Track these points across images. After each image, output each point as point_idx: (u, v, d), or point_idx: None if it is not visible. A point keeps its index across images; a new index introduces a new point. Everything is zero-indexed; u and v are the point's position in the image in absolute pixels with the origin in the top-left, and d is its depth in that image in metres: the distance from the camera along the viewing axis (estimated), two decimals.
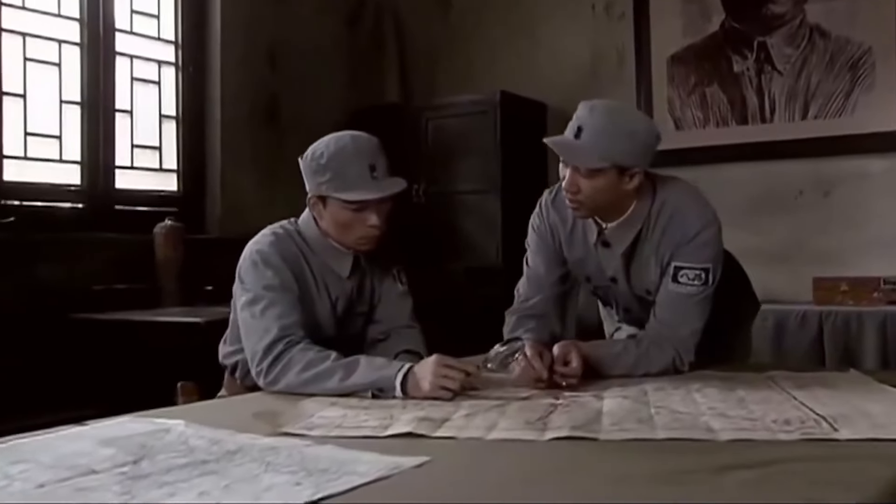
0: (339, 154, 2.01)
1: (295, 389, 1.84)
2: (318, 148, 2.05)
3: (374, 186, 2.01)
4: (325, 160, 2.02)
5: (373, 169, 2.02)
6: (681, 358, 2.05)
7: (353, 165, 2.00)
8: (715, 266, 2.06)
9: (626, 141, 1.95)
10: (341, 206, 2.03)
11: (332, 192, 2.02)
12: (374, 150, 2.05)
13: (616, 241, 2.11)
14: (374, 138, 2.09)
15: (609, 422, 1.49)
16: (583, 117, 1.97)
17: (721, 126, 4.48)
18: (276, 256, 2.03)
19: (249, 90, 4.57)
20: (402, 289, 2.26)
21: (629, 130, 1.97)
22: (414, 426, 1.45)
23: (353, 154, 2.01)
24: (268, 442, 1.35)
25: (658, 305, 2.10)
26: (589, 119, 1.96)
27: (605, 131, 1.94)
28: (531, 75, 4.90)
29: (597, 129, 1.94)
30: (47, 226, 3.65)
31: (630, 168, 1.99)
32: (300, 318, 1.97)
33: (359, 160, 2.01)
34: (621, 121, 1.98)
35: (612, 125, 1.95)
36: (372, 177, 2.01)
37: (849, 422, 1.44)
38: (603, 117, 1.96)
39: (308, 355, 1.87)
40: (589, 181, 1.98)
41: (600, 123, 1.95)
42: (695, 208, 2.08)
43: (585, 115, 1.97)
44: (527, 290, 2.26)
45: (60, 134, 3.81)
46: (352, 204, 2.01)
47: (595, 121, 1.95)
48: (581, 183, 1.99)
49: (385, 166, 2.06)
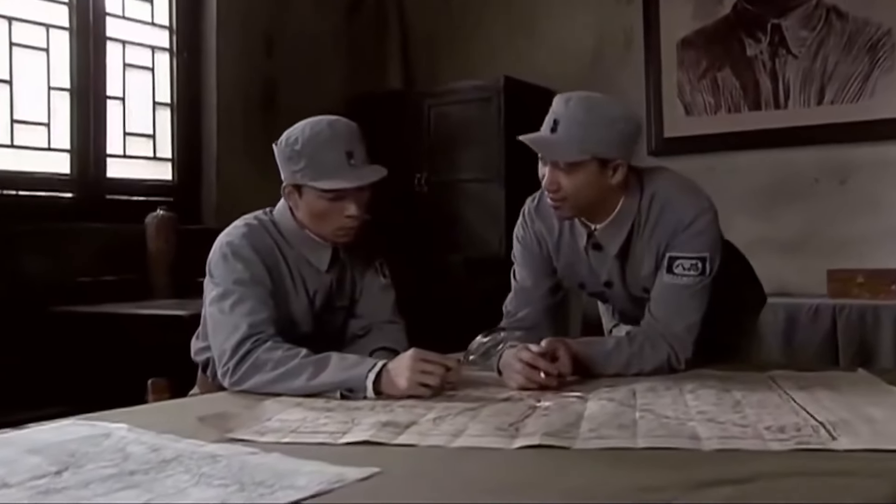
0: (314, 140, 1.91)
1: (261, 389, 1.74)
2: (292, 133, 1.95)
3: (351, 174, 1.90)
4: (299, 146, 1.91)
5: (350, 156, 1.91)
6: (676, 356, 1.93)
7: (329, 152, 1.90)
8: (712, 255, 1.94)
9: (605, 130, 1.86)
10: (317, 196, 1.92)
11: (307, 181, 1.92)
12: (351, 136, 1.94)
13: (607, 242, 2.00)
14: (352, 123, 1.98)
15: (587, 427, 1.38)
16: (558, 111, 1.87)
17: (733, 112, 4.33)
18: (248, 249, 1.93)
19: (246, 76, 4.47)
20: (384, 282, 2.16)
21: (607, 120, 1.87)
22: (372, 433, 1.34)
23: (329, 140, 1.91)
24: (211, 449, 1.25)
25: (653, 300, 1.99)
26: (564, 111, 1.86)
27: (581, 122, 1.85)
28: (536, 60, 4.77)
29: (573, 121, 1.85)
30: (34, 216, 3.57)
31: (612, 160, 1.89)
32: (272, 314, 1.87)
33: (335, 147, 1.90)
34: (598, 110, 1.88)
35: (589, 115, 1.86)
36: (349, 164, 1.91)
37: (849, 429, 1.32)
38: (579, 109, 1.86)
39: (276, 353, 1.77)
40: (570, 177, 1.88)
41: (576, 115, 1.85)
42: (687, 196, 1.97)
43: (561, 108, 1.87)
44: (515, 304, 2.16)
45: (49, 121, 3.72)
46: (328, 193, 1.91)
47: (571, 113, 1.85)
48: (562, 180, 1.88)
49: (364, 153, 1.95)
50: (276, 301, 1.93)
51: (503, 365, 1.81)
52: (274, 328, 1.85)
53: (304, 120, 1.98)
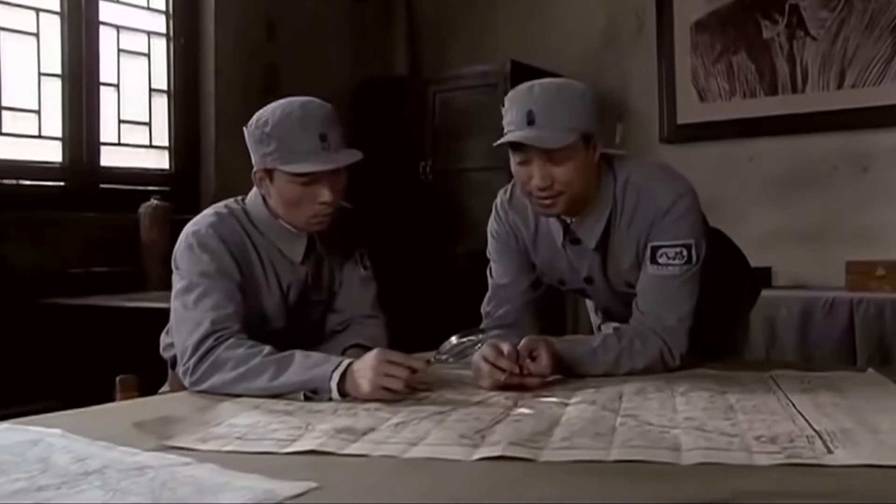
0: (285, 122, 1.80)
1: (222, 390, 1.64)
2: (262, 115, 1.84)
3: (324, 157, 1.79)
4: (269, 128, 1.81)
5: (324, 139, 1.80)
6: (670, 350, 1.81)
7: (301, 134, 1.79)
8: (697, 240, 1.83)
9: (580, 105, 1.78)
10: (288, 180, 1.81)
11: (277, 165, 1.81)
12: (326, 118, 1.83)
13: (585, 236, 1.89)
14: (327, 105, 1.87)
15: (560, 436, 1.26)
16: (527, 101, 1.76)
17: (748, 97, 4.18)
18: (215, 239, 1.83)
19: (246, 62, 4.36)
20: (364, 274, 2.05)
21: (578, 93, 1.79)
22: (322, 442, 1.23)
23: (301, 122, 1.80)
24: (142, 459, 1.15)
25: (639, 294, 1.87)
26: (536, 99, 1.75)
27: (558, 103, 1.75)
28: (545, 44, 4.63)
29: (550, 105, 1.74)
30: (25, 205, 3.49)
31: (593, 137, 1.80)
32: (238, 309, 1.77)
33: (308, 129, 1.79)
34: (566, 88, 1.80)
35: (561, 94, 1.77)
36: (323, 147, 1.80)
37: (849, 440, 1.19)
38: (550, 91, 1.77)
39: (237, 352, 1.66)
40: (562, 167, 1.76)
41: (550, 98, 1.75)
42: (664, 180, 1.87)
43: (529, 98, 1.77)
44: (493, 303, 2.04)
45: (39, 108, 3.64)
46: (299, 177, 1.80)
47: (543, 98, 1.75)
48: (555, 172, 1.77)
49: (339, 137, 1.83)
50: (245, 295, 1.83)
51: (473, 364, 1.70)
52: (239, 324, 1.74)
53: (277, 101, 1.87)
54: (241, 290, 1.81)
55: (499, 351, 1.65)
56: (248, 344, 1.68)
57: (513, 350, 1.66)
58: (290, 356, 1.63)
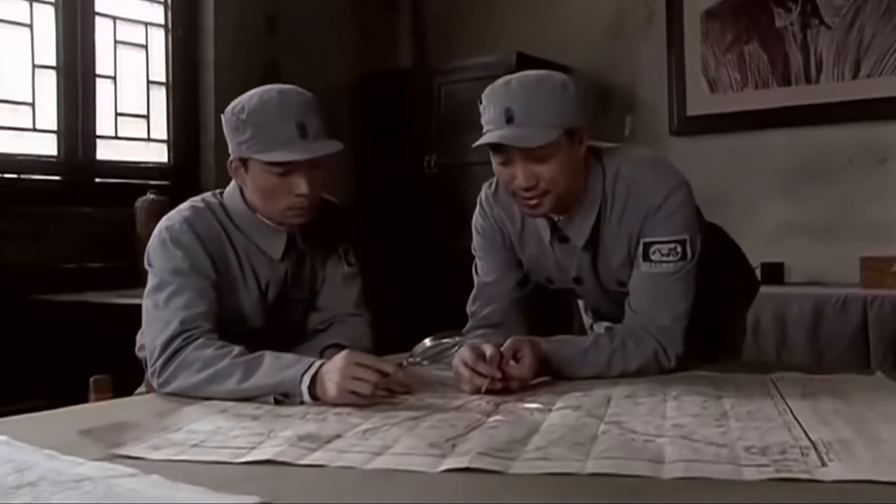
0: (261, 109, 1.73)
1: (189, 392, 1.57)
2: (239, 102, 1.78)
3: (301, 147, 1.72)
4: (245, 115, 1.74)
5: (302, 128, 1.73)
6: (665, 351, 1.73)
7: (277, 122, 1.72)
8: (692, 236, 1.74)
9: (562, 98, 1.68)
10: (263, 170, 1.75)
11: (252, 153, 1.74)
12: (305, 107, 1.76)
13: (574, 233, 1.81)
14: (307, 93, 1.80)
15: (536, 445, 1.18)
16: (505, 97, 1.67)
17: (761, 88, 4.07)
18: (189, 234, 1.76)
19: (246, 54, 4.29)
20: (348, 271, 1.98)
21: (559, 86, 1.69)
22: (280, 450, 1.16)
23: (278, 109, 1.72)
24: (84, 470, 1.08)
25: (632, 293, 1.78)
26: (514, 95, 1.66)
27: (538, 98, 1.66)
28: (553, 35, 4.53)
29: (529, 101, 1.65)
30: (18, 200, 3.44)
31: (577, 130, 1.70)
32: (210, 308, 1.70)
33: (285, 117, 1.72)
34: (546, 81, 1.70)
35: (540, 88, 1.68)
36: (300, 137, 1.72)
37: (847, 452, 1.10)
38: (528, 86, 1.68)
39: (205, 352, 1.59)
40: (546, 165, 1.68)
41: (529, 93, 1.66)
42: (655, 173, 1.78)
43: (506, 94, 1.67)
44: (479, 302, 1.96)
45: (34, 101, 3.59)
46: (275, 167, 1.73)
47: (522, 94, 1.66)
48: (540, 171, 1.68)
49: (318, 127, 1.76)
50: (221, 293, 1.76)
51: (453, 367, 1.62)
52: (211, 323, 1.67)
53: (256, 88, 1.80)
54: (216, 288, 1.75)
55: (479, 354, 1.57)
56: (218, 344, 1.61)
57: (495, 352, 1.58)
58: (259, 357, 1.56)
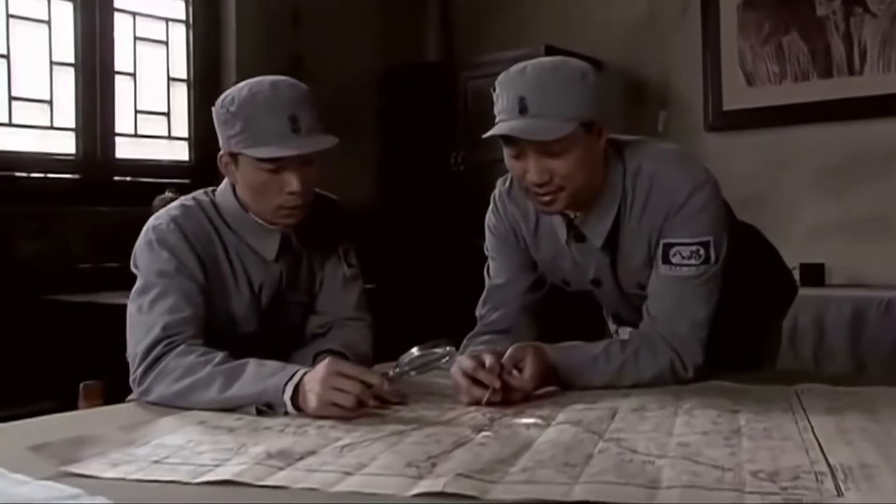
0: (251, 101, 1.65)
1: (171, 402, 1.50)
2: (229, 94, 1.70)
3: (293, 142, 1.64)
4: (234, 108, 1.66)
5: (294, 122, 1.64)
6: (682, 361, 1.61)
7: (268, 116, 1.63)
8: (716, 238, 1.62)
9: (580, 87, 1.56)
10: (254, 166, 1.67)
11: (242, 148, 1.66)
12: (298, 100, 1.67)
13: (592, 232, 1.70)
14: (301, 85, 1.72)
15: (522, 466, 1.08)
16: (519, 86, 1.55)
17: (800, 81, 3.93)
18: (177, 235, 1.69)
19: (269, 49, 4.23)
20: (348, 272, 1.89)
21: (578, 75, 1.57)
22: (242, 470, 1.07)
23: (269, 102, 1.64)
24: (25, 491, 1.01)
25: (650, 296, 1.67)
26: (528, 84, 1.55)
27: (553, 87, 1.54)
28: (584, 28, 4.42)
29: (544, 90, 1.54)
30: (36, 198, 3.41)
31: (595, 122, 1.59)
32: (197, 312, 1.63)
33: (276, 110, 1.64)
34: (563, 69, 1.58)
35: (556, 76, 1.56)
36: (292, 131, 1.64)
37: (868, 479, 0.99)
38: (543, 74, 1.56)
39: (186, 360, 1.51)
40: (562, 159, 1.56)
41: (544, 82, 1.55)
42: (679, 168, 1.66)
43: (520, 82, 1.56)
44: (488, 305, 1.86)
45: (51, 98, 3.56)
46: (265, 163, 1.65)
47: (536, 82, 1.55)
48: (554, 166, 1.57)
49: (312, 120, 1.67)
50: (211, 296, 1.69)
51: (451, 377, 1.52)
52: (196, 329, 1.60)
53: (248, 80, 1.72)
54: (205, 291, 1.67)
55: (479, 362, 1.47)
56: (200, 351, 1.53)
57: (495, 361, 1.48)
58: (242, 365, 1.48)
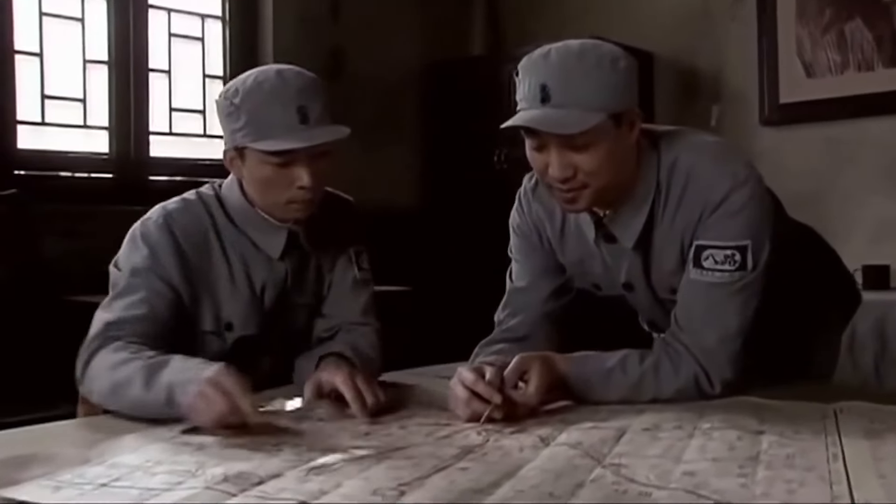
0: (256, 92, 1.57)
1: (107, 405, 1.45)
2: (233, 84, 1.62)
3: (302, 134, 1.55)
4: (239, 99, 1.58)
5: (302, 113, 1.56)
6: (707, 377, 1.48)
7: (274, 107, 1.55)
8: (756, 242, 1.48)
9: (608, 74, 1.42)
10: (260, 160, 1.59)
11: (247, 142, 1.58)
12: (306, 89, 1.59)
13: (622, 232, 1.56)
14: (308, 74, 1.64)
15: (501, 496, 0.97)
16: (541, 71, 1.42)
17: (864, 70, 3.72)
18: (162, 231, 1.62)
19: (308, 45, 4.15)
20: (358, 275, 1.80)
21: (606, 60, 1.43)
22: (188, 495, 0.99)
23: (275, 92, 1.56)
24: None
25: (679, 303, 1.54)
26: (551, 70, 1.42)
27: (579, 74, 1.41)
28: (633, 17, 4.27)
29: (568, 77, 1.41)
30: (69, 197, 3.40)
31: (625, 112, 1.46)
32: (155, 314, 1.55)
33: (283, 100, 1.55)
34: (591, 53, 1.43)
35: (583, 62, 1.42)
36: (301, 121, 1.55)
37: None
38: (568, 59, 1.42)
39: (116, 356, 1.45)
40: (586, 154, 1.44)
41: (568, 68, 1.41)
42: (718, 163, 1.51)
43: (543, 67, 1.43)
44: (508, 310, 1.74)
45: (84, 97, 3.54)
46: (272, 156, 1.57)
47: (560, 68, 1.41)
48: (578, 161, 1.44)
49: (321, 111, 1.59)
50: (195, 298, 1.62)
51: (450, 387, 1.41)
52: (145, 328, 1.52)
53: (252, 69, 1.65)
54: (179, 293, 1.60)
55: (480, 374, 1.36)
56: (134, 347, 1.46)
57: (495, 373, 1.37)
58: (163, 362, 1.40)
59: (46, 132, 3.44)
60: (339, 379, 1.44)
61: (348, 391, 1.41)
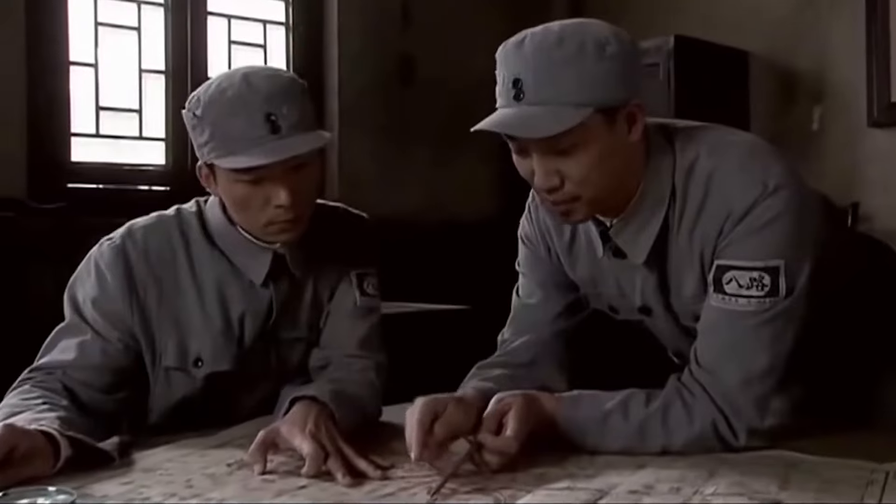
0: (218, 101, 1.40)
1: None
2: (196, 93, 1.46)
3: (272, 146, 1.38)
4: (201, 110, 1.42)
5: (272, 121, 1.38)
6: (729, 424, 1.26)
7: (238, 116, 1.38)
8: (792, 263, 1.26)
9: (594, 63, 1.22)
10: (230, 179, 1.44)
11: (213, 158, 1.43)
12: (277, 94, 1.40)
13: (630, 246, 1.37)
14: (283, 75, 1.48)
15: None
16: (514, 64, 1.25)
17: None
18: (118, 256, 1.50)
19: (376, 51, 4.06)
20: (359, 301, 1.61)
21: (592, 45, 1.23)
22: None
23: (240, 100, 1.39)
24: None
25: (699, 335, 1.33)
26: (524, 61, 1.24)
27: (556, 65, 1.22)
28: (725, 12, 3.98)
29: (545, 66, 1.22)
30: (122, 211, 3.37)
31: (621, 105, 1.26)
32: (86, 359, 1.45)
33: (249, 108, 1.38)
34: (571, 39, 1.23)
35: (563, 48, 1.23)
36: (271, 132, 1.39)
37: None
38: (542, 47, 1.24)
39: (11, 400, 1.36)
40: (573, 159, 1.26)
41: (543, 58, 1.23)
42: (745, 166, 1.30)
43: (515, 58, 1.25)
44: (511, 330, 1.56)
45: (141, 108, 3.53)
46: (241, 174, 1.41)
47: (535, 59, 1.23)
48: (563, 167, 1.26)
49: (297, 117, 1.42)
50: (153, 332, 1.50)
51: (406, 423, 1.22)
52: (68, 373, 1.43)
53: (220, 73, 1.51)
54: (133, 329, 1.48)
55: (433, 413, 1.18)
56: (37, 393, 1.37)
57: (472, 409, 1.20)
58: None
59: (100, 144, 3.45)
60: (298, 440, 1.24)
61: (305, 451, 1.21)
